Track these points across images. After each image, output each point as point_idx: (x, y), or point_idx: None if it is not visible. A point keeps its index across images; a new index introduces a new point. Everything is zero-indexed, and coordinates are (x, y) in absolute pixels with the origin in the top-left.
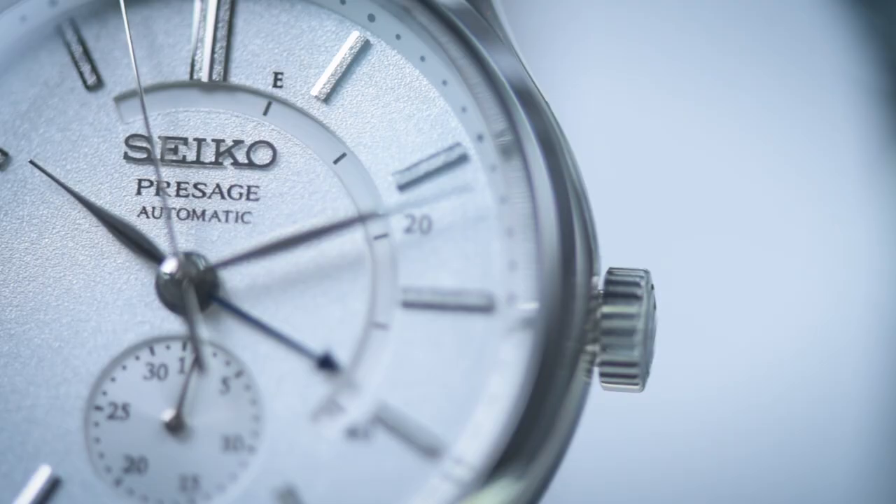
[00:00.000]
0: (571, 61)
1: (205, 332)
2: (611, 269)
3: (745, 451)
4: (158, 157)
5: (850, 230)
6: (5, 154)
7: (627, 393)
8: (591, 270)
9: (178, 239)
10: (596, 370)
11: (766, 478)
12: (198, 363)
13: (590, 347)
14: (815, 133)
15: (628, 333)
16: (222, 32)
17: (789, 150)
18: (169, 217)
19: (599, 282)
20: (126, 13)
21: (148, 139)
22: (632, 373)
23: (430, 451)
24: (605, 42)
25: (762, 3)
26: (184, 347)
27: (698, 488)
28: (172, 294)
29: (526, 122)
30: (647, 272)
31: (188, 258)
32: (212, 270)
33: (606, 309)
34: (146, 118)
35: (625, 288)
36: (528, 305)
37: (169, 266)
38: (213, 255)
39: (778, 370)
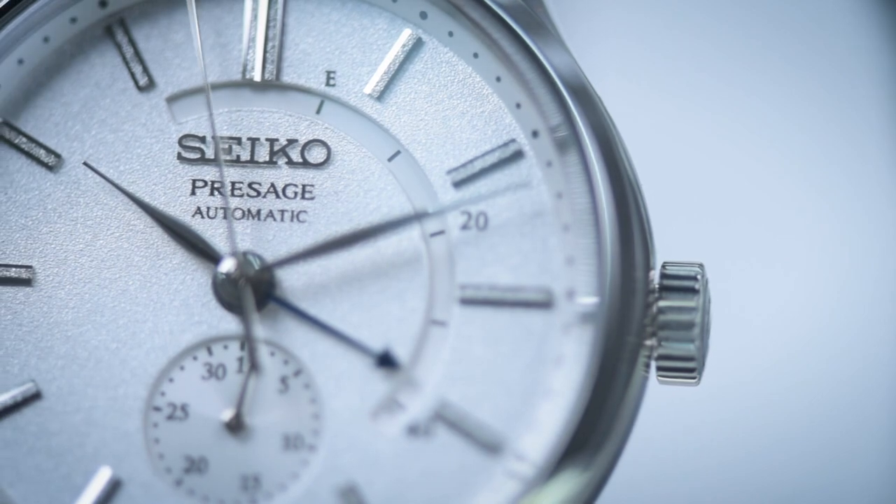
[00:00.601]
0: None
1: (262, 331)
2: (665, 262)
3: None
4: (213, 157)
5: (889, 223)
6: (58, 156)
7: (684, 386)
8: (647, 265)
9: (238, 238)
10: (653, 364)
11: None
12: (252, 364)
13: (648, 342)
14: (848, 128)
15: (686, 327)
16: (274, 31)
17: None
18: (228, 217)
19: (655, 276)
20: (196, 12)
21: (203, 139)
22: (689, 366)
23: (491, 447)
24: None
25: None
26: (242, 347)
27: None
28: (230, 294)
29: (581, 117)
30: (702, 266)
31: (245, 258)
32: (269, 270)
33: (664, 303)
34: (212, 117)
35: (682, 282)
36: (588, 300)
37: (226, 266)
38: (270, 254)
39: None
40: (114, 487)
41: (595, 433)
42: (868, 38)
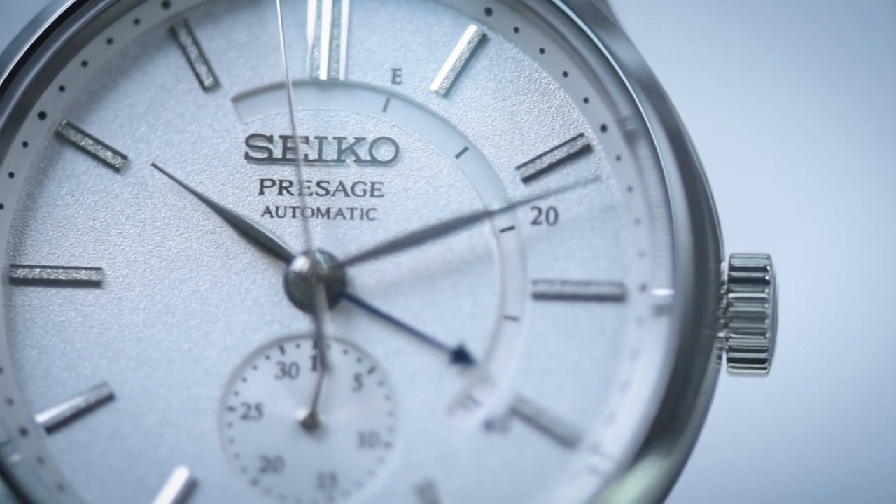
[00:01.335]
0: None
1: (335, 329)
2: (733, 254)
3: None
4: (280, 156)
5: None
6: (124, 157)
7: (754, 378)
8: (718, 256)
9: (303, 237)
10: (724, 356)
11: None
12: (322, 362)
13: (720, 334)
14: None
15: (758, 319)
16: (339, 30)
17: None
18: (303, 215)
19: (725, 267)
20: (280, 10)
21: (270, 139)
22: (761, 358)
23: (567, 441)
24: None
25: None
26: (314, 346)
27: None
28: (302, 292)
29: (651, 111)
30: (769, 257)
31: (317, 256)
32: (341, 268)
33: (735, 294)
34: (292, 116)
35: (753, 273)
36: (663, 293)
37: (299, 265)
38: (341, 252)
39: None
40: (190, 488)
41: (672, 426)
42: None
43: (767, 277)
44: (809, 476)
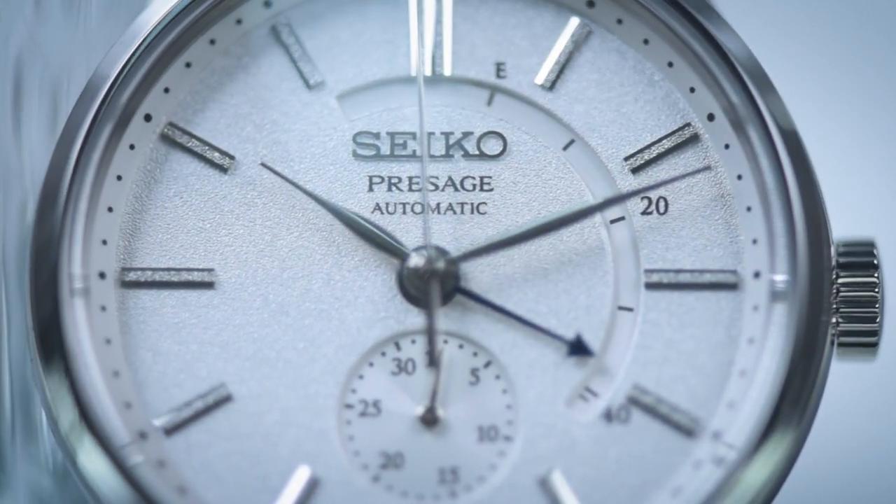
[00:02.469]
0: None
1: (450, 324)
2: (840, 239)
3: None
4: (388, 152)
5: None
6: (231, 157)
7: (861, 363)
8: (828, 241)
9: (413, 233)
10: (834, 341)
11: None
12: (432, 358)
13: (832, 319)
14: None
15: (870, 303)
16: (441, 26)
17: None
18: (425, 212)
19: (833, 252)
20: (413, 7)
21: (377, 135)
22: (871, 342)
23: (687, 430)
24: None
25: None
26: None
27: None
28: (417, 288)
29: (759, 99)
30: (874, 241)
31: (433, 252)
32: (455, 263)
33: (846, 279)
34: (421, 112)
35: (862, 258)
36: (779, 279)
37: (414, 261)
38: (453, 246)
39: None
40: (312, 486)
41: (794, 413)
42: None
43: (876, 262)
44: None
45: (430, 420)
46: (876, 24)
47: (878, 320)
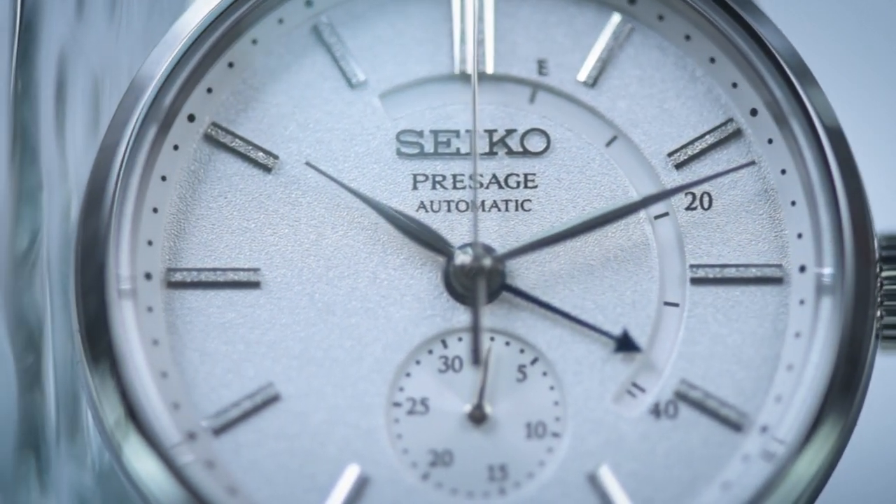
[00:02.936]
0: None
1: (496, 321)
2: (881, 233)
3: None
4: (432, 150)
5: None
6: (275, 157)
7: None
8: (873, 234)
9: (458, 230)
10: (878, 335)
11: None
12: (476, 356)
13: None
14: None
15: None
16: (483, 24)
17: None
18: (474, 210)
19: (875, 246)
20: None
21: (420, 133)
22: None
23: (735, 424)
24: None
25: None
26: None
27: None
28: (464, 286)
29: (803, 93)
30: None
31: (479, 250)
32: (501, 260)
33: (889, 272)
34: (475, 109)
35: None
36: (825, 273)
37: (461, 258)
38: (498, 244)
39: None
40: (362, 485)
41: (843, 406)
42: None
43: None
44: None
45: (478, 417)
46: None
47: None
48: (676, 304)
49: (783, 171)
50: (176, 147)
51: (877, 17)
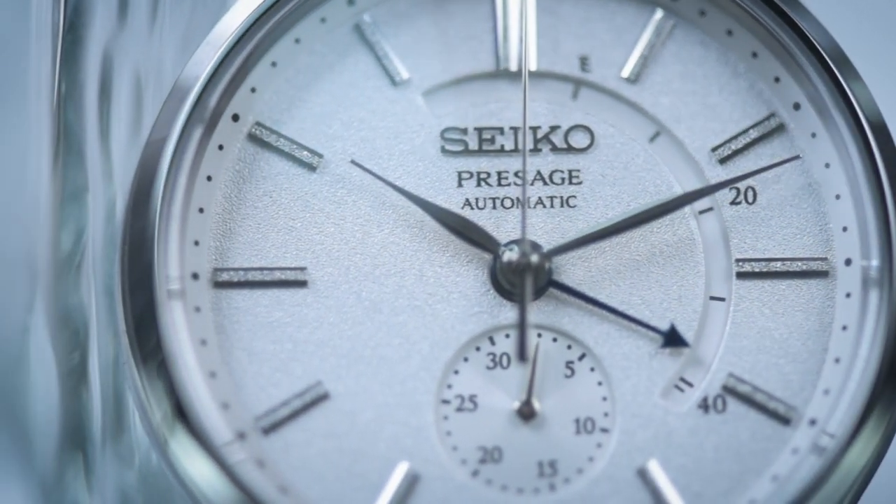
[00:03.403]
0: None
1: (543, 317)
2: None
3: None
4: (476, 148)
5: None
6: (320, 156)
7: None
8: None
9: (503, 227)
10: None
11: None
12: (521, 352)
13: None
14: None
15: None
16: (525, 21)
17: None
18: (523, 206)
19: None
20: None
21: (464, 131)
22: None
23: (785, 417)
24: None
25: None
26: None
27: None
28: (511, 282)
29: (846, 87)
30: None
31: (527, 246)
32: (548, 256)
33: None
34: (525, 107)
35: None
36: (872, 265)
37: (508, 255)
38: (544, 240)
39: None
40: (412, 482)
41: (891, 398)
42: None
43: None
44: None
45: (527, 414)
46: None
47: None
48: (722, 299)
49: (827, 165)
50: (221, 147)
51: None
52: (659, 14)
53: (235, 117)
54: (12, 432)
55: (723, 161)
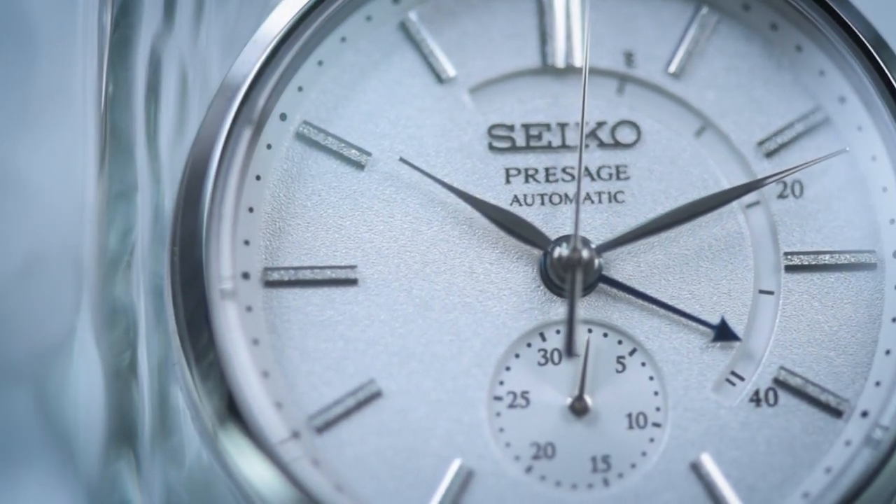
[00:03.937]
0: None
1: (594, 313)
2: None
3: None
4: (524, 144)
5: None
6: (368, 154)
7: None
8: None
9: (552, 223)
10: None
11: None
12: (569, 348)
13: None
14: None
15: None
16: (570, 18)
17: None
18: (576, 203)
19: None
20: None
21: (511, 128)
22: None
23: (836, 410)
24: None
25: None
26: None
27: None
28: (561, 278)
29: (893, 79)
30: None
31: (577, 242)
32: (599, 252)
33: None
34: (584, 103)
35: None
36: None
37: (559, 251)
38: (592, 236)
39: None
40: (467, 479)
41: None
42: None
43: None
44: None
45: (579, 409)
46: None
47: None
48: (772, 293)
49: (874, 158)
50: (269, 146)
51: None
52: (703, 9)
53: (283, 116)
54: (58, 432)
55: (769, 155)
